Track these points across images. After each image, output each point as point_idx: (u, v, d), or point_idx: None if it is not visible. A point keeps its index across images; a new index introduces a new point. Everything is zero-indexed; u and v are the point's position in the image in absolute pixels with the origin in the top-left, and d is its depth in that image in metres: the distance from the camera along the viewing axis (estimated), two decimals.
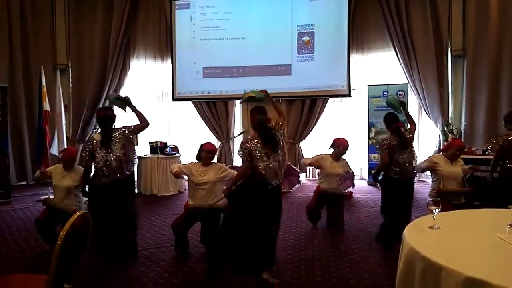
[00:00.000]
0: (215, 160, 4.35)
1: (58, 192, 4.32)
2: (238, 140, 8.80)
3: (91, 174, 3.92)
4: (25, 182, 8.30)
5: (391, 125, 4.35)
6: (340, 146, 4.88)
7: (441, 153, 4.51)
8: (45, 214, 4.19)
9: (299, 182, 7.36)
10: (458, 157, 4.33)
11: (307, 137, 8.52)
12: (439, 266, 1.68)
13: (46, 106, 6.96)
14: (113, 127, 3.95)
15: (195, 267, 3.71)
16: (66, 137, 8.04)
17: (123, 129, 3.93)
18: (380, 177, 4.44)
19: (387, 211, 4.30)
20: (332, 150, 4.95)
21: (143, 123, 4.02)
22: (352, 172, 5.15)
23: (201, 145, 4.13)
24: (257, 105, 3.69)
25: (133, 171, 4.07)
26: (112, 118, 3.97)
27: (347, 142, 4.96)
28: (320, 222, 5.04)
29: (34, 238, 4.51)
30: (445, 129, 7.62)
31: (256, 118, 3.54)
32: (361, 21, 8.19)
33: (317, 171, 7.27)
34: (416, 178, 7.09)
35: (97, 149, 3.80)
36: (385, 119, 4.51)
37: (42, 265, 1.99)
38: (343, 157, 4.99)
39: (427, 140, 8.20)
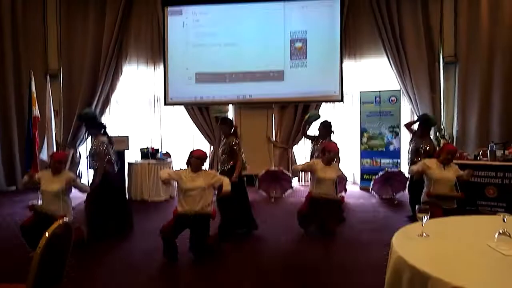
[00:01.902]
0: (207, 164, 4.34)
1: (46, 197, 4.26)
2: None
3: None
4: (14, 188, 8.19)
5: None
6: (330, 151, 4.87)
7: (435, 157, 4.50)
8: (31, 220, 4.11)
9: (291, 187, 7.32)
10: (450, 161, 4.32)
11: (300, 142, 8.51)
12: (427, 275, 1.65)
13: (36, 111, 6.89)
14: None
15: (183, 274, 3.65)
16: (57, 142, 7.98)
17: None
18: None
19: None
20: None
21: None
22: (344, 175, 5.13)
23: (191, 152, 4.11)
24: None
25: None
26: None
27: (337, 146, 4.98)
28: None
29: (21, 244, 4.42)
30: (437, 134, 7.64)
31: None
32: (354, 27, 8.22)
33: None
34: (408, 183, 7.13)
35: None
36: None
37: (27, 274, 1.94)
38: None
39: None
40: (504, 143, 5.84)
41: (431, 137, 5.09)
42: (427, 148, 5.43)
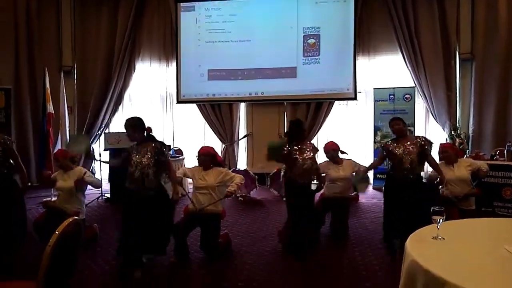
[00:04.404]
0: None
1: (60, 194, 4.33)
2: (242, 143, 8.75)
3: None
4: (29, 184, 8.29)
5: None
6: (329, 150, 4.89)
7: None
8: (44, 216, 4.16)
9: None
10: (449, 158, 4.25)
11: (312, 141, 8.42)
12: (442, 280, 1.60)
13: (50, 108, 6.97)
14: None
15: (194, 273, 3.65)
16: None
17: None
18: None
19: None
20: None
21: None
22: (364, 167, 5.02)
23: (198, 150, 4.13)
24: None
25: None
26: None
27: (334, 143, 4.99)
28: (324, 227, 4.93)
29: (34, 241, 4.47)
30: (453, 133, 7.49)
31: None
32: (368, 23, 8.10)
33: None
34: None
35: None
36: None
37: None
38: (348, 157, 5.01)
39: (434, 144, 8.05)
40: None
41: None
42: None
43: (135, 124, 3.63)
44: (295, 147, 4.18)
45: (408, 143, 4.11)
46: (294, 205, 4.13)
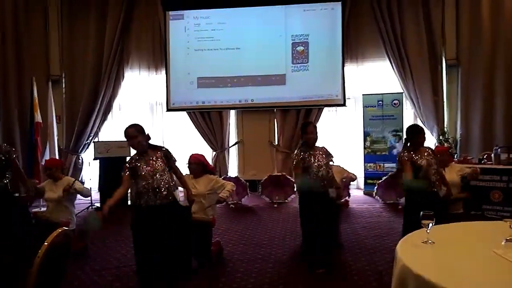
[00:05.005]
0: None
1: (49, 205, 4.31)
2: (233, 150, 8.75)
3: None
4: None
5: None
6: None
7: None
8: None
9: (294, 192, 7.27)
10: (443, 161, 4.28)
11: None
12: (432, 285, 1.61)
13: (38, 117, 6.90)
14: None
15: (186, 281, 3.61)
16: (59, 148, 7.98)
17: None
18: None
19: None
20: None
21: None
22: (352, 175, 5.01)
23: (188, 158, 4.12)
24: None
25: None
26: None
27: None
28: None
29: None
30: (441, 138, 7.59)
31: None
32: (355, 30, 8.20)
33: None
34: None
35: None
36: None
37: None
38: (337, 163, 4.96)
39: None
40: (508, 146, 5.77)
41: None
42: None
43: (143, 131, 3.29)
44: (307, 153, 3.87)
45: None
46: (310, 216, 3.76)
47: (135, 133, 3.21)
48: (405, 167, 3.58)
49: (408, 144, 3.74)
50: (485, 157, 5.79)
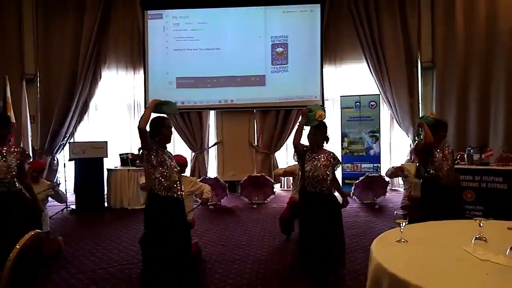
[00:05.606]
0: (188, 170, 4.26)
1: None
2: (212, 151, 8.72)
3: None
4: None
5: None
6: None
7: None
8: None
9: (273, 193, 7.31)
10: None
11: (281, 148, 8.52)
12: (405, 283, 1.65)
13: (12, 117, 6.71)
14: None
15: (164, 282, 3.58)
16: (33, 149, 7.79)
17: None
18: None
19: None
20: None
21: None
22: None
23: None
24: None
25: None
26: None
27: None
28: (294, 233, 4.96)
29: None
30: (416, 138, 7.75)
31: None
32: (334, 33, 8.31)
33: (291, 181, 7.30)
34: (388, 187, 7.22)
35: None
36: None
37: None
38: None
39: (399, 150, 8.34)
40: (480, 147, 5.96)
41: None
42: None
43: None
44: (309, 151, 3.86)
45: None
46: (306, 217, 3.68)
47: (166, 124, 3.52)
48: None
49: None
50: (458, 157, 5.95)
